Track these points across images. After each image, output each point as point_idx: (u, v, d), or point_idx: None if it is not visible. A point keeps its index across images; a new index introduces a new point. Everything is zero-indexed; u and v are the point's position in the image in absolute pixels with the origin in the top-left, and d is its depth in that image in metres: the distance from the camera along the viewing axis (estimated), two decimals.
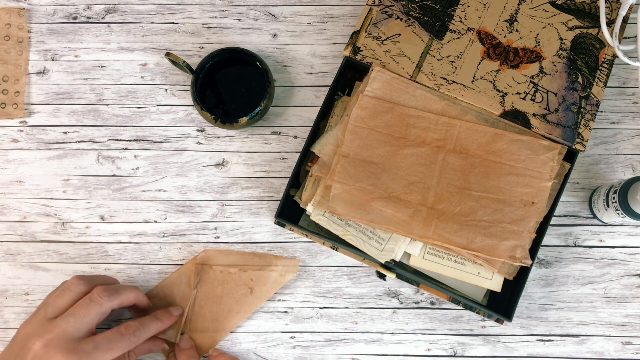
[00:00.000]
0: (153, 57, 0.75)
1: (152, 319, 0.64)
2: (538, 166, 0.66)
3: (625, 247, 0.71)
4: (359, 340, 0.69)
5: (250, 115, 0.68)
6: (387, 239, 0.66)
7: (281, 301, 0.70)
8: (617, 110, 0.73)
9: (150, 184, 0.72)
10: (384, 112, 0.67)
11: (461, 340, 0.69)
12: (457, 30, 0.70)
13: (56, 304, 0.61)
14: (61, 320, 0.59)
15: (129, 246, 0.71)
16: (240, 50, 0.70)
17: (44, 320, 0.59)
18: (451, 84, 0.68)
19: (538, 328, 0.69)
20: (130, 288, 0.64)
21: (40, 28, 0.76)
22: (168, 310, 0.66)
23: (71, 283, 0.62)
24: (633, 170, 0.72)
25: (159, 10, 0.76)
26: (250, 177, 0.73)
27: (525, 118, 0.67)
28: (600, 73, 0.69)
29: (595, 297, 0.70)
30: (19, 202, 0.72)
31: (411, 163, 0.67)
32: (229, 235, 0.71)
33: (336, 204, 0.65)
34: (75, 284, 0.62)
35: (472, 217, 0.65)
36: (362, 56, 0.69)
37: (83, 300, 0.60)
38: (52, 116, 0.74)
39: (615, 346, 0.69)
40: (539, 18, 0.70)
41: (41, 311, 0.61)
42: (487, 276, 0.65)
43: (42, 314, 0.60)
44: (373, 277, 0.70)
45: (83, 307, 0.60)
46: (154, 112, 0.74)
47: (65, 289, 0.62)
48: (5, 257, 0.71)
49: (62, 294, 0.61)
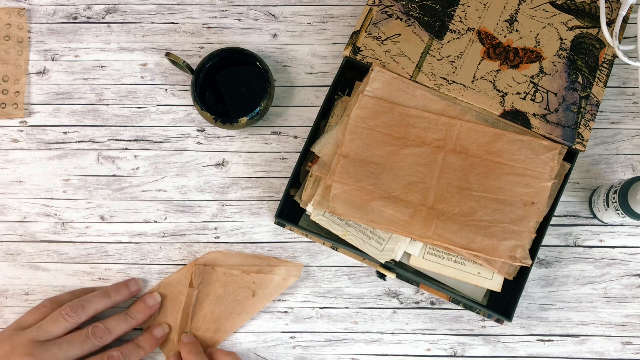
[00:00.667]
0: (153, 57, 0.75)
1: (134, 347, 0.65)
2: (538, 166, 0.66)
3: (625, 247, 0.71)
4: (359, 340, 0.69)
5: (250, 115, 0.68)
6: (387, 239, 0.66)
7: (281, 301, 0.70)
8: (617, 110, 0.73)
9: (150, 184, 0.72)
10: (384, 112, 0.67)
11: (461, 340, 0.69)
12: (457, 30, 0.70)
13: (50, 330, 0.61)
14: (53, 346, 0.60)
15: (129, 246, 0.71)
16: (240, 50, 0.70)
17: (34, 343, 0.60)
18: (451, 84, 0.68)
19: (538, 328, 0.69)
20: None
21: (40, 28, 0.76)
22: (151, 334, 0.67)
23: (66, 313, 0.62)
24: (633, 170, 0.72)
25: (159, 10, 0.76)
26: (250, 177, 0.73)
27: (525, 118, 0.67)
28: (600, 73, 0.69)
29: (595, 297, 0.70)
30: (19, 202, 0.72)
31: (411, 163, 0.67)
32: (229, 235, 0.71)
33: (336, 204, 0.65)
34: (70, 314, 0.62)
35: (472, 217, 0.65)
36: (362, 56, 0.69)
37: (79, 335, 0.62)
38: (52, 116, 0.74)
39: (615, 346, 0.69)
40: (539, 18, 0.70)
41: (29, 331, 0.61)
42: (487, 276, 0.65)
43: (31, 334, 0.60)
44: (373, 277, 0.70)
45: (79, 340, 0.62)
46: (154, 112, 0.74)
47: (59, 317, 0.62)
48: (5, 257, 0.71)
49: (57, 321, 0.62)
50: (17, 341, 0.59)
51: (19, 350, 0.58)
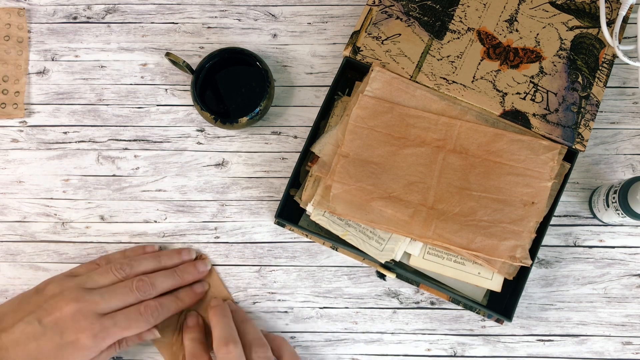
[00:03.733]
0: (153, 57, 0.75)
1: (173, 299, 0.66)
2: (538, 166, 0.66)
3: (625, 247, 0.71)
4: (359, 340, 0.69)
5: (250, 115, 0.68)
6: (387, 239, 0.66)
7: (281, 301, 0.70)
8: (617, 110, 0.73)
9: (150, 184, 0.72)
10: (384, 112, 0.67)
11: (461, 340, 0.69)
12: (457, 30, 0.70)
13: (96, 280, 0.63)
14: (96, 294, 0.61)
15: (129, 246, 0.71)
16: (240, 50, 0.70)
17: (79, 288, 0.61)
18: (451, 84, 0.68)
19: (538, 328, 0.69)
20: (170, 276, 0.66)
21: (40, 28, 0.76)
22: (192, 288, 0.68)
23: (115, 269, 0.64)
24: (633, 170, 0.72)
25: (159, 10, 0.76)
26: (250, 177, 0.73)
27: (525, 118, 0.67)
28: (600, 73, 0.69)
29: (595, 297, 0.70)
30: (19, 202, 0.72)
31: (411, 163, 0.67)
32: (229, 235, 0.71)
33: (336, 204, 0.65)
34: (118, 270, 0.64)
35: (472, 217, 0.65)
36: (362, 56, 0.69)
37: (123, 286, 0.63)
38: (52, 116, 0.74)
39: (615, 346, 0.69)
40: (539, 18, 0.70)
41: (79, 279, 0.63)
42: (487, 276, 0.65)
43: (80, 281, 0.62)
44: (373, 277, 0.70)
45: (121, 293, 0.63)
46: (154, 112, 0.74)
47: (108, 271, 0.64)
48: (5, 257, 0.71)
49: (105, 273, 0.64)
50: (66, 285, 0.62)
51: (67, 293, 0.61)
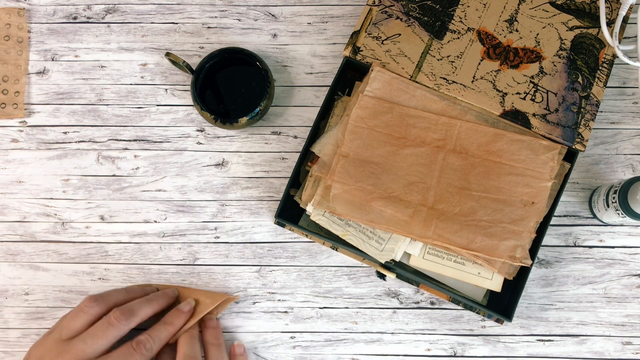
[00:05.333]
0: (153, 57, 0.75)
1: (162, 325, 0.63)
2: (538, 166, 0.66)
3: (625, 247, 0.71)
4: (359, 340, 0.69)
5: (250, 115, 0.68)
6: (387, 239, 0.66)
7: (281, 301, 0.70)
8: (617, 110, 0.73)
9: (150, 184, 0.72)
10: (384, 112, 0.67)
11: (461, 340, 0.69)
12: (457, 30, 0.70)
13: (71, 326, 0.60)
14: (78, 342, 0.59)
15: (129, 246, 0.71)
16: (240, 50, 0.70)
17: (59, 342, 0.59)
18: (451, 84, 0.68)
19: (538, 328, 0.69)
20: (146, 303, 0.63)
21: (40, 28, 0.76)
22: (177, 309, 0.65)
23: (85, 305, 0.61)
24: (633, 170, 0.72)
25: (159, 10, 0.76)
26: (250, 177, 0.73)
27: (525, 118, 0.67)
28: (600, 73, 0.69)
29: (595, 297, 0.70)
30: (19, 202, 0.72)
31: (411, 163, 0.67)
32: (229, 235, 0.71)
33: (336, 204, 0.65)
34: (89, 305, 0.61)
35: (472, 217, 0.65)
36: (362, 56, 0.69)
37: (101, 323, 0.60)
38: (52, 116, 0.74)
39: (615, 346, 0.69)
40: (539, 18, 0.70)
41: (55, 333, 0.60)
42: (487, 276, 0.65)
43: (56, 335, 0.60)
44: (373, 277, 0.70)
45: (101, 330, 0.59)
46: (154, 112, 0.74)
47: (79, 311, 0.61)
48: (5, 257, 0.71)
49: (76, 316, 0.61)
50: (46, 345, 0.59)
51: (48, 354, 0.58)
